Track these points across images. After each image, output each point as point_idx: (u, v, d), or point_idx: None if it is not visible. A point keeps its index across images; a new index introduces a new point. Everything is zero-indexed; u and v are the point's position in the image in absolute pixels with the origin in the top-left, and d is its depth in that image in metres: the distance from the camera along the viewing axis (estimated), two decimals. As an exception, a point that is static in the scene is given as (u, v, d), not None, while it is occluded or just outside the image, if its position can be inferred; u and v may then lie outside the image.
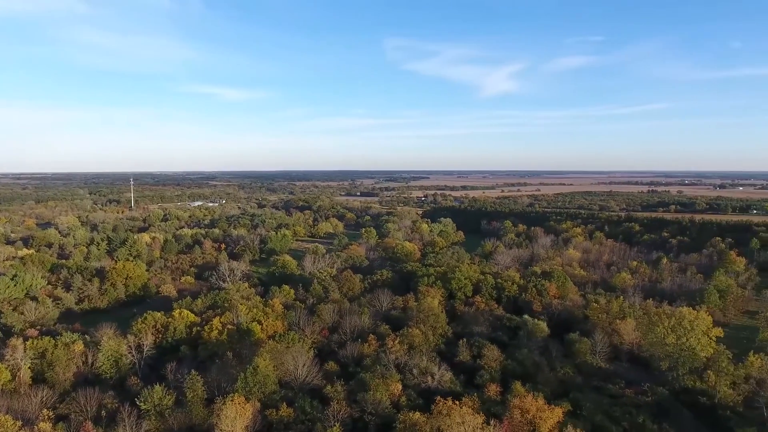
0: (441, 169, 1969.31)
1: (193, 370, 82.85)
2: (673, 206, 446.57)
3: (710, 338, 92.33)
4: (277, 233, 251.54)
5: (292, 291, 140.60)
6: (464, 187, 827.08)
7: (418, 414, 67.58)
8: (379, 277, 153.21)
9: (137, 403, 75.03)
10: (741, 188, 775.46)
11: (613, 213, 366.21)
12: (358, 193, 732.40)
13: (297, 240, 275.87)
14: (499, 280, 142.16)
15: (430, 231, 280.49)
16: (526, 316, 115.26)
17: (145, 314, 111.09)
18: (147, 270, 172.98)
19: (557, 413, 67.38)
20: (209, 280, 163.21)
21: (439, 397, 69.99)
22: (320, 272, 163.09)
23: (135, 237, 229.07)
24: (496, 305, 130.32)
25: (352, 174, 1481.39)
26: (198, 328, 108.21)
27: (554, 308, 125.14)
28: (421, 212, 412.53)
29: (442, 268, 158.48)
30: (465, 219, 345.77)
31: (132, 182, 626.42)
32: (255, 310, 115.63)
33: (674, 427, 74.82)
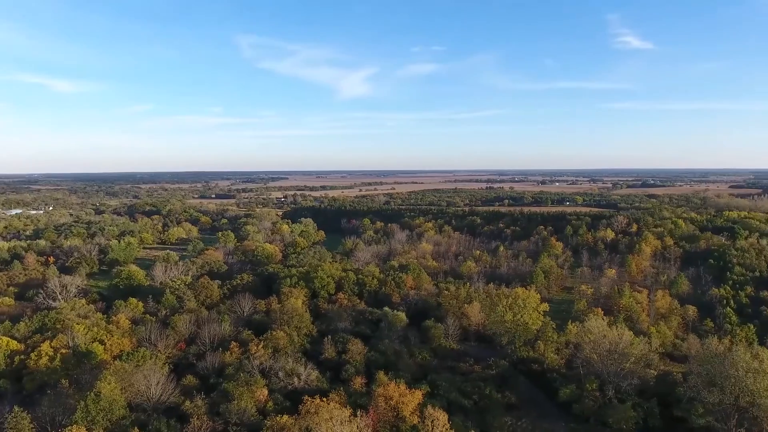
0: (300, 170, 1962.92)
1: (16, 407, 71.12)
2: (506, 201, 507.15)
3: (539, 313, 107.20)
4: (120, 242, 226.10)
5: (141, 304, 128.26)
6: (324, 187, 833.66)
7: (286, 417, 67.07)
8: (239, 281, 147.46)
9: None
10: (557, 184, 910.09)
11: (458, 208, 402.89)
12: (213, 195, 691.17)
13: (144, 248, 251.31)
14: (360, 276, 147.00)
15: (291, 232, 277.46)
16: (386, 308, 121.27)
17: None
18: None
19: (417, 396, 72.40)
20: (35, 299, 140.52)
21: (306, 397, 70.32)
22: (173, 281, 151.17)
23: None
24: (359, 300, 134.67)
25: (205, 175, 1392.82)
26: (22, 356, 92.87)
27: (411, 298, 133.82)
28: (281, 213, 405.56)
29: (305, 268, 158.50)
30: (325, 218, 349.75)
31: None
32: (96, 329, 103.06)
33: (514, 393, 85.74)
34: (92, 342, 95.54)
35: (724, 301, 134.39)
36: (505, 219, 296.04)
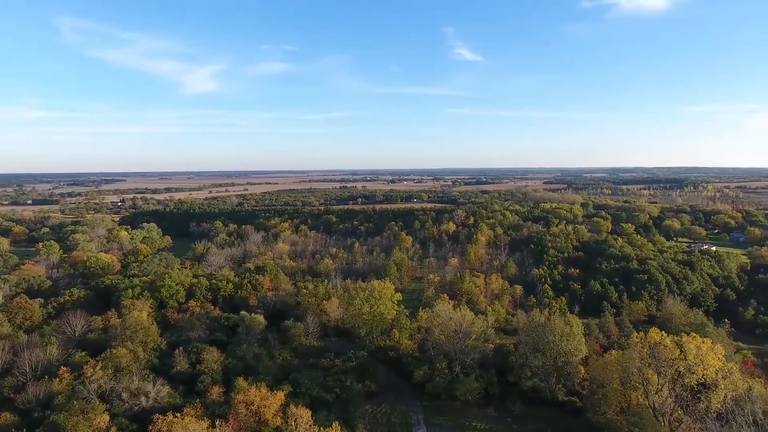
0: (140, 171, 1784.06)
1: None
2: (359, 199, 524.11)
3: (393, 303, 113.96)
4: None
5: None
6: (168, 189, 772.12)
7: (133, 440, 61.38)
8: (67, 297, 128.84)
9: None
10: (405, 182, 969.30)
11: (314, 207, 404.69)
12: (30, 201, 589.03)
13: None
14: (214, 281, 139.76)
15: (132, 238, 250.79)
16: (243, 312, 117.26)
17: None
18: None
19: (279, 397, 71.75)
20: None
21: (156, 415, 65.19)
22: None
23: None
24: (213, 307, 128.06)
25: (18, 178, 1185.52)
26: None
27: (270, 300, 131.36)
28: (118, 219, 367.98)
29: (149, 276, 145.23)
30: (172, 222, 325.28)
31: None
32: None
33: (373, 382, 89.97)
34: None
35: (543, 279, 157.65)
36: (359, 217, 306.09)
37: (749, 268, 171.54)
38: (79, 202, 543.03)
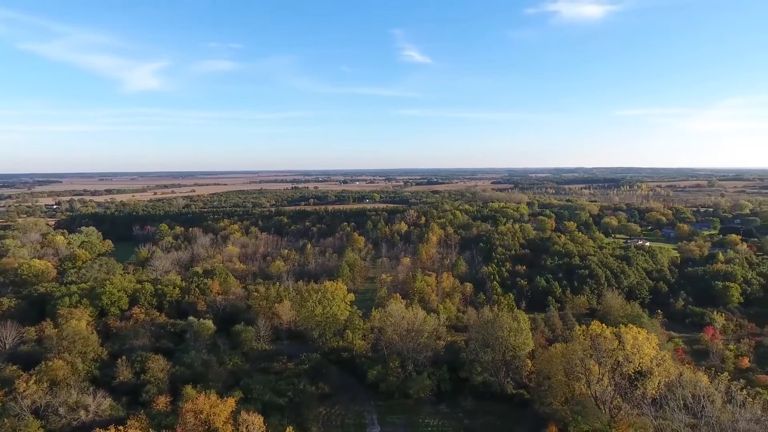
0: (78, 171, 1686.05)
1: None
2: (312, 200, 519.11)
3: (346, 303, 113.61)
4: None
5: None
6: (109, 191, 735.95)
7: (72, 456, 58.10)
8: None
9: None
10: (357, 183, 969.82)
11: (264, 209, 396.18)
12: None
13: None
14: (159, 286, 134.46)
15: (69, 243, 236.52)
16: (191, 318, 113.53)
17: None
18: None
19: (230, 404, 69.92)
20: None
21: (97, 430, 62.21)
22: None
23: None
24: (158, 313, 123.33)
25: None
26: None
27: (219, 304, 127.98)
28: (53, 222, 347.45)
29: (89, 283, 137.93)
30: (113, 226, 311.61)
31: None
32: None
33: (327, 383, 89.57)
34: None
35: (492, 276, 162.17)
36: (311, 217, 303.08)
37: (679, 261, 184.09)
38: (9, 205, 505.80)
